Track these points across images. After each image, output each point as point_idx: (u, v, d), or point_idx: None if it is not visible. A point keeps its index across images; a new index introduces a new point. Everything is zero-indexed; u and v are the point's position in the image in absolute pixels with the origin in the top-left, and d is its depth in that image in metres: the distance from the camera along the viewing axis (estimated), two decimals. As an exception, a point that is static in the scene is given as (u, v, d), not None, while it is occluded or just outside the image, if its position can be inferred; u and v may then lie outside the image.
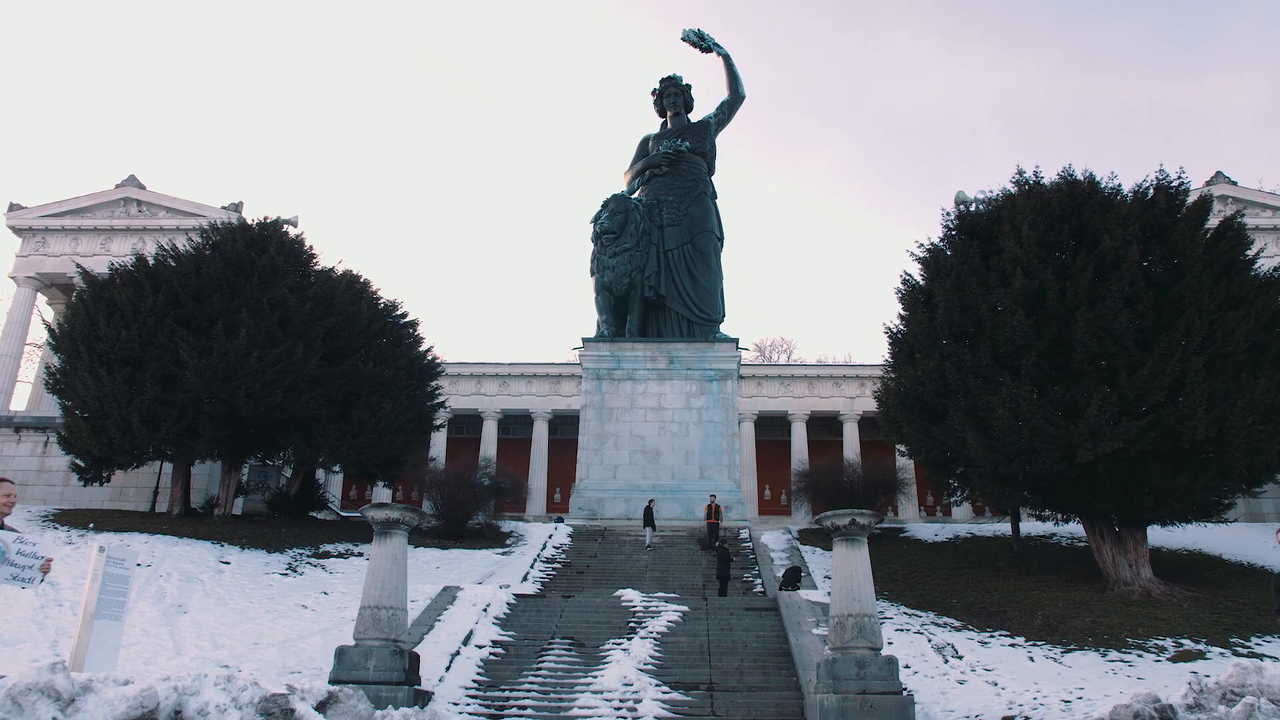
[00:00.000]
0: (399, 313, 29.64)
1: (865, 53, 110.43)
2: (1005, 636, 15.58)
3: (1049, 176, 21.41)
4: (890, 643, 13.92)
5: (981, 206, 22.27)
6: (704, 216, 34.27)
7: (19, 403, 36.26)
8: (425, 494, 28.95)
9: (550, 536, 25.86)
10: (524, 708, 11.47)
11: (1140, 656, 14.23)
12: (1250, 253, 20.21)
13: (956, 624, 16.59)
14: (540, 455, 42.12)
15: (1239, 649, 14.56)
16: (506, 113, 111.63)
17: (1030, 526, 26.04)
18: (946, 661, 13.86)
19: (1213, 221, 20.67)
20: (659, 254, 33.57)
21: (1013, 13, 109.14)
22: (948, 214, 22.47)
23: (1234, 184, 34.27)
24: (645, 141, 36.94)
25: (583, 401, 32.26)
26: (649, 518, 25.08)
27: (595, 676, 12.36)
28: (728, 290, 34.94)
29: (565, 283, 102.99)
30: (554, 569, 22.33)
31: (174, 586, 17.75)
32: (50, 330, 27.44)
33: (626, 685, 11.89)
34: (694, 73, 79.00)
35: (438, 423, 33.55)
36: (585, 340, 32.72)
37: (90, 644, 10.41)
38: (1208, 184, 32.98)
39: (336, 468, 28.60)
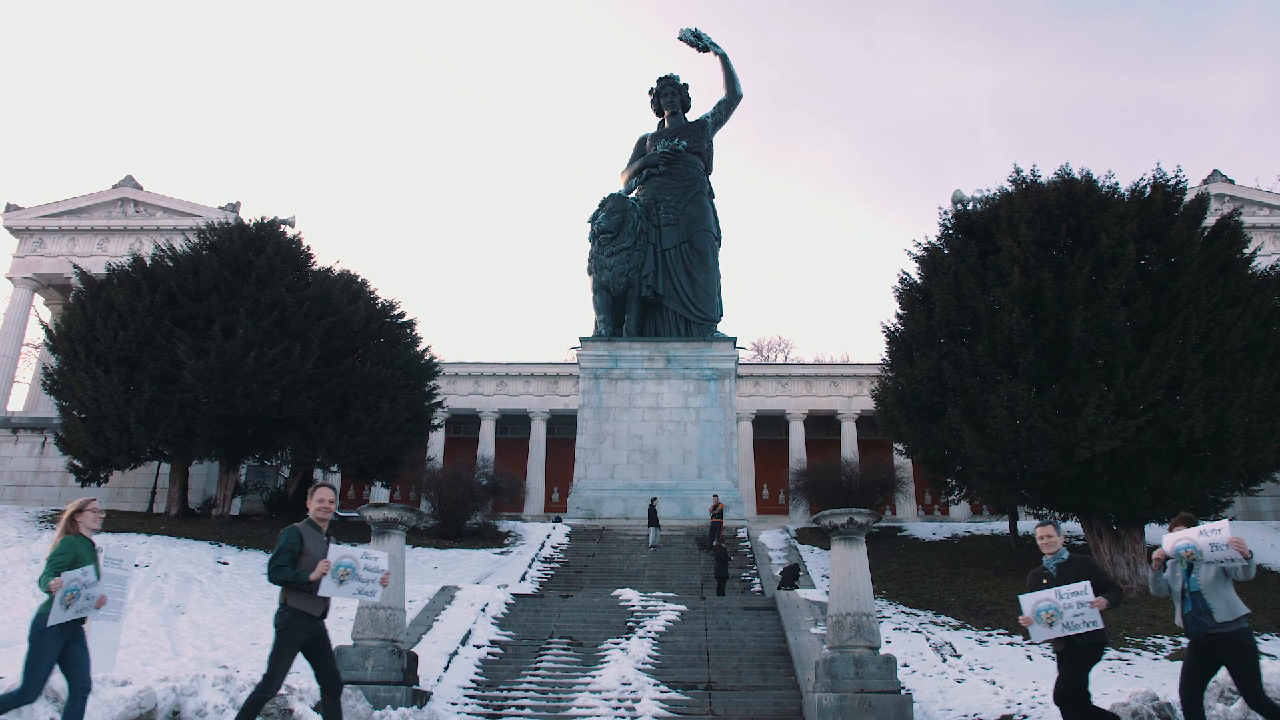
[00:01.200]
0: (396, 312, 29.61)
1: (862, 51, 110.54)
2: (1003, 635, 15.58)
3: (1046, 175, 21.42)
4: (888, 641, 13.92)
5: (979, 205, 22.27)
6: (701, 216, 34.26)
7: (16, 403, 36.20)
8: (423, 494, 28.95)
9: (548, 536, 25.84)
10: (522, 707, 11.46)
11: (1138, 654, 14.24)
12: (1247, 251, 20.22)
13: (955, 623, 16.60)
14: (538, 455, 42.11)
15: (1237, 647, 14.55)
16: (505, 112, 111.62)
17: (1028, 525, 26.02)
18: (945, 660, 13.86)
19: (1210, 220, 20.69)
20: (656, 253, 33.55)
21: (1008, 10, 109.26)
22: (945, 213, 22.47)
23: (1231, 182, 34.32)
24: (642, 141, 36.94)
25: (580, 401, 32.24)
26: (653, 517, 25.00)
27: (594, 676, 12.35)
28: (725, 289, 34.97)
29: (563, 282, 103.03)
30: (552, 568, 22.32)
31: (172, 587, 17.73)
32: (47, 331, 27.41)
33: (625, 685, 11.88)
34: (691, 72, 79.08)
35: (435, 422, 33.53)
36: (583, 340, 32.70)
37: (88, 644, 10.39)
38: (1205, 182, 33.02)
39: (334, 468, 28.58)
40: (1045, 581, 7.76)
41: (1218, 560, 7.08)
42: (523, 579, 20.41)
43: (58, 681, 7.87)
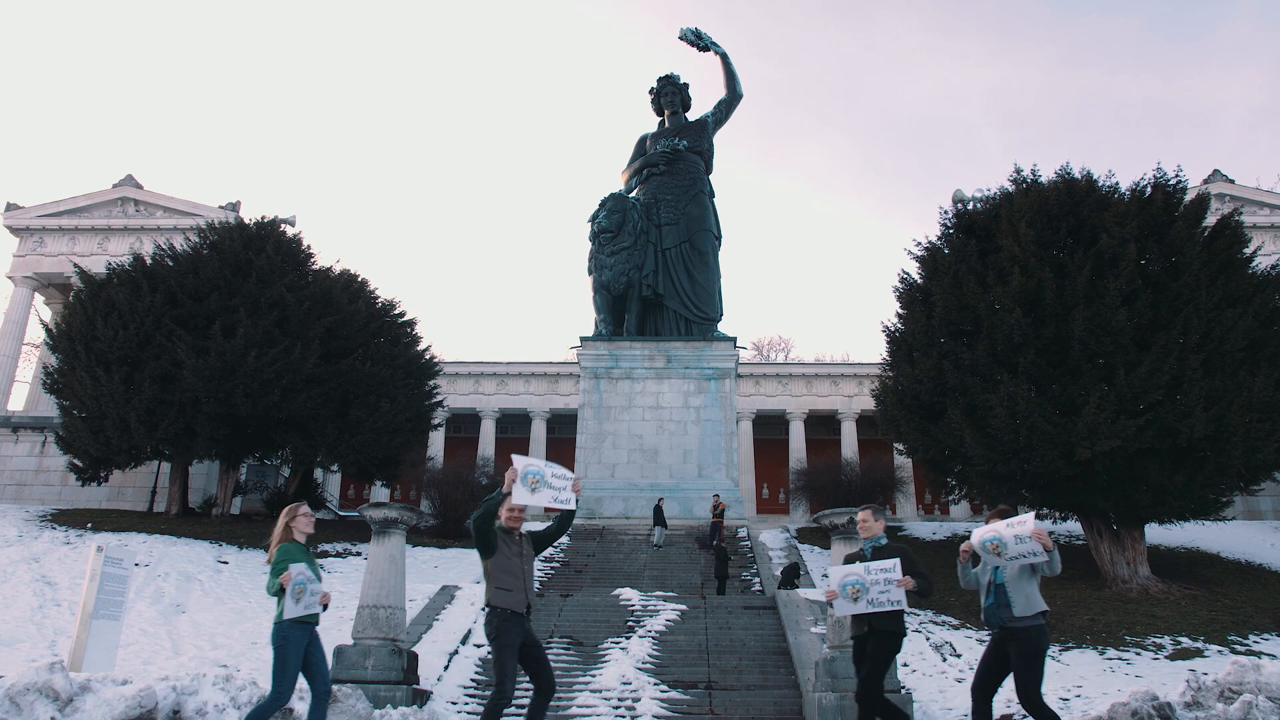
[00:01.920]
0: (397, 312, 29.61)
1: (861, 49, 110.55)
2: (1003, 635, 15.56)
3: (1046, 175, 21.43)
4: (889, 641, 13.91)
5: (979, 205, 22.27)
6: (702, 215, 34.21)
7: (16, 403, 36.22)
8: (423, 493, 28.94)
9: (549, 535, 25.81)
10: (522, 706, 11.42)
11: (1138, 654, 14.24)
12: (1247, 251, 20.22)
13: (955, 622, 16.60)
14: (538, 454, 42.09)
15: (1237, 647, 14.57)
16: (505, 112, 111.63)
17: (1028, 525, 26.04)
18: (945, 660, 13.87)
19: (1210, 219, 20.70)
20: (657, 253, 33.50)
21: (1007, 8, 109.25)
22: (945, 212, 22.46)
23: (1231, 182, 34.31)
24: (643, 140, 36.90)
25: (580, 400, 32.22)
26: (659, 516, 24.94)
27: (594, 675, 12.35)
28: (726, 289, 34.92)
29: (563, 282, 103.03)
30: (552, 567, 22.32)
31: (172, 586, 17.74)
32: (48, 330, 27.43)
33: (625, 684, 11.88)
34: (691, 71, 79.20)
35: (436, 422, 33.51)
36: (583, 339, 32.67)
37: (88, 644, 10.43)
38: (1205, 182, 33.02)
39: (335, 467, 28.61)
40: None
41: (1021, 553, 7.02)
42: (523, 578, 20.39)
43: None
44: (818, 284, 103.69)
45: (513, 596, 7.25)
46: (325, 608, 7.47)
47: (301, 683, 7.51)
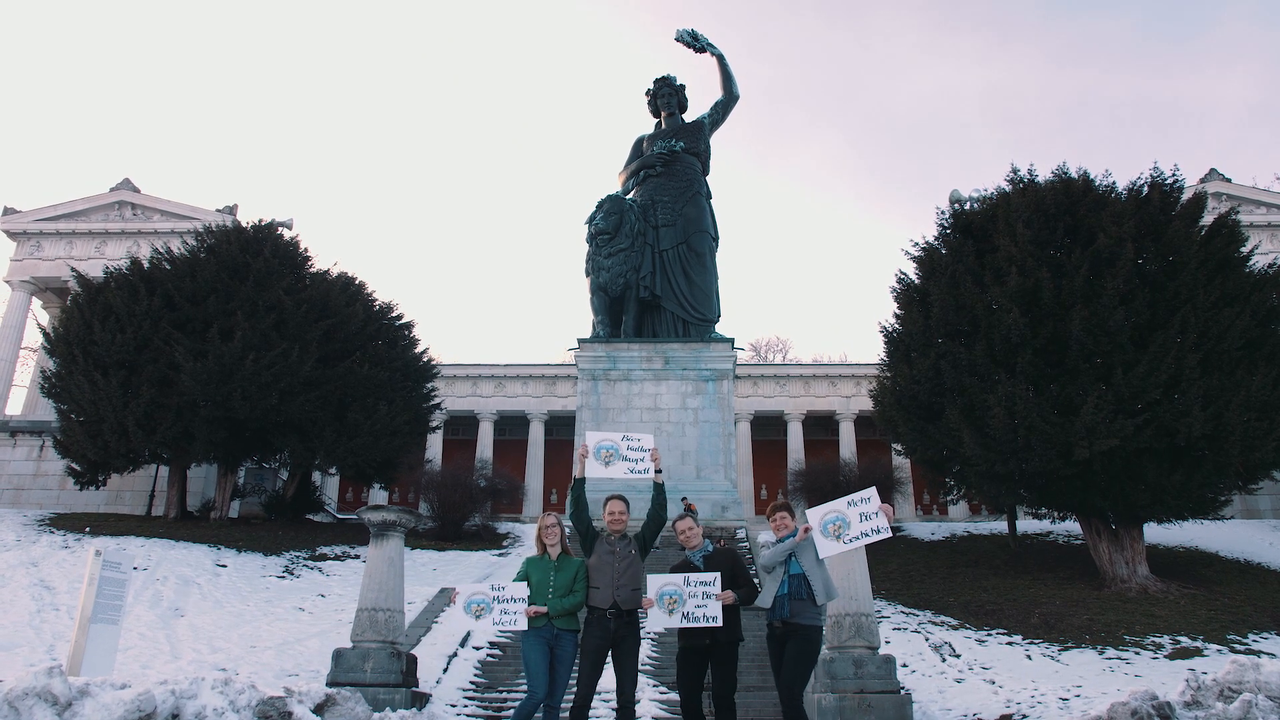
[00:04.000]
0: (394, 314, 29.59)
1: (855, 48, 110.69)
2: (1002, 635, 15.59)
3: (1043, 174, 21.46)
4: (888, 641, 13.91)
5: (976, 205, 22.28)
6: (699, 216, 34.18)
7: (14, 407, 36.15)
8: (422, 496, 28.91)
9: (548, 537, 25.78)
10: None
11: (1137, 654, 14.24)
12: (1244, 250, 20.23)
13: (954, 622, 16.60)
14: (536, 456, 42.06)
15: (1236, 646, 14.57)
16: (503, 113, 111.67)
17: (1027, 525, 26.06)
18: (944, 660, 13.86)
19: (1207, 218, 20.72)
20: (654, 254, 33.45)
21: (1002, 7, 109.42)
22: (942, 212, 22.45)
23: (1228, 180, 34.37)
24: (640, 142, 36.87)
25: (579, 402, 32.18)
26: None
27: (593, 677, 12.33)
28: (723, 290, 34.90)
29: (561, 284, 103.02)
30: (551, 570, 22.30)
31: (171, 590, 17.71)
32: (45, 334, 27.39)
33: (624, 686, 11.85)
34: (688, 72, 79.30)
35: (434, 424, 33.46)
36: (581, 341, 32.64)
37: (87, 648, 10.39)
38: (1202, 181, 33.06)
39: (333, 470, 28.58)
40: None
41: (866, 531, 6.99)
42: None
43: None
44: (815, 284, 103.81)
45: (599, 594, 7.38)
46: (548, 618, 7.42)
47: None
